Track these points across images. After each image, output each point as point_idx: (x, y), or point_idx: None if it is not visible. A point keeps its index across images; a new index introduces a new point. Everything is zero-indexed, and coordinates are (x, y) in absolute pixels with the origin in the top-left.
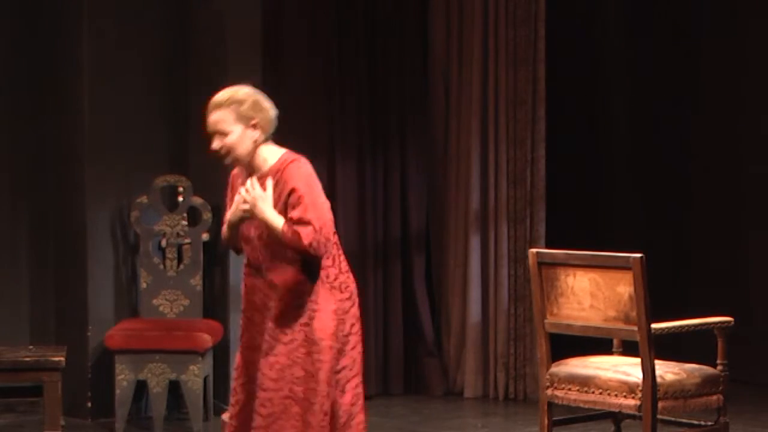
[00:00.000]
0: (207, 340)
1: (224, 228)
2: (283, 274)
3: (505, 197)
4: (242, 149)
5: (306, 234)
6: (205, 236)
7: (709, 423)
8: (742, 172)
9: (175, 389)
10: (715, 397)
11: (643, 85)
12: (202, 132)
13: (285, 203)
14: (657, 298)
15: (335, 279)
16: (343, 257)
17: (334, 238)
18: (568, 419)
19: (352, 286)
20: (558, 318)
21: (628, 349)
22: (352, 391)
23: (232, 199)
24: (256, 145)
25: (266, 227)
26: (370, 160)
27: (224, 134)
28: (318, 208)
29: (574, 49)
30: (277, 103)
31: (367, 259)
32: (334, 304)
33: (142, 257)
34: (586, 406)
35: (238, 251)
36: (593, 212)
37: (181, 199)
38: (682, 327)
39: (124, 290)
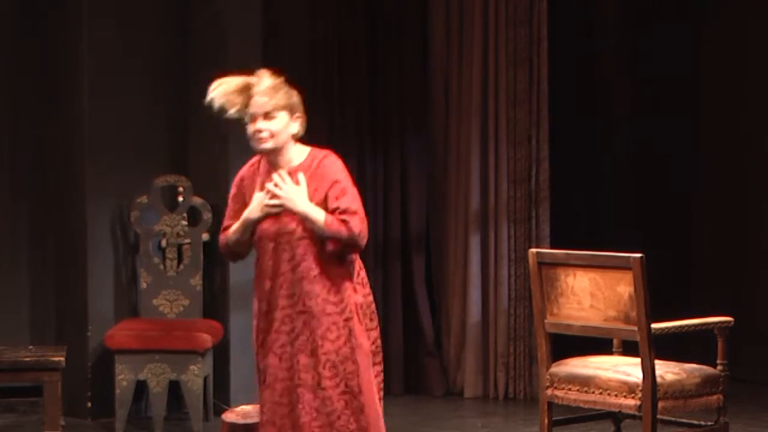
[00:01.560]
0: (207, 340)
1: (236, 228)
2: (320, 269)
3: (506, 197)
4: (282, 138)
5: (355, 224)
6: (205, 236)
7: (709, 423)
8: (743, 171)
9: (175, 389)
10: (715, 397)
11: (643, 84)
12: (202, 132)
13: (324, 197)
14: (657, 298)
15: (358, 275)
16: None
17: None
18: (568, 419)
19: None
20: (558, 318)
21: (628, 349)
22: (377, 379)
23: (240, 202)
24: (291, 139)
25: (305, 220)
26: (370, 160)
27: (271, 118)
28: (359, 200)
29: (574, 49)
30: None
31: (367, 259)
32: (362, 298)
33: (142, 257)
34: (586, 406)
35: (243, 255)
36: (593, 212)
37: (181, 199)
38: (682, 327)
39: (124, 290)
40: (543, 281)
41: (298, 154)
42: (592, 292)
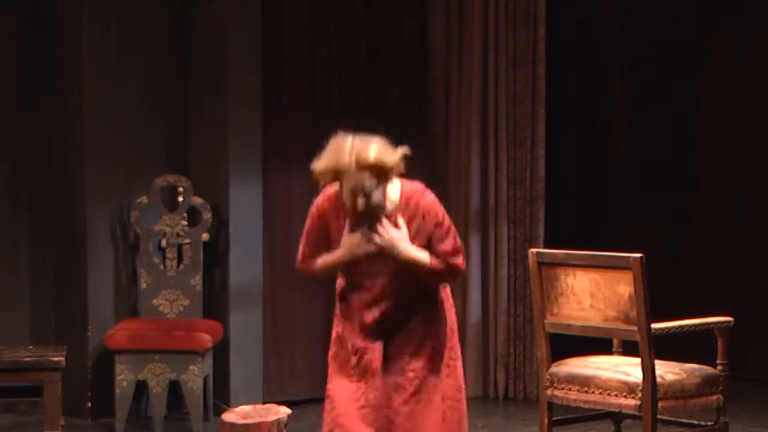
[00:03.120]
0: (207, 340)
1: (328, 266)
2: (419, 304)
3: (505, 197)
4: (382, 201)
5: (460, 263)
6: (205, 236)
7: (709, 423)
8: (743, 171)
9: (175, 389)
10: (715, 397)
11: (643, 84)
12: (202, 132)
13: (427, 236)
14: (657, 298)
15: (449, 292)
16: None
17: None
18: (568, 419)
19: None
20: (558, 318)
21: (628, 349)
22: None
23: (321, 235)
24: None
25: (408, 264)
26: None
27: (368, 193)
28: (455, 231)
29: (574, 48)
30: (277, 104)
31: None
32: (453, 319)
33: (142, 257)
34: (586, 406)
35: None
36: (593, 212)
37: (181, 199)
38: (682, 327)
39: (124, 290)
40: (543, 281)
41: (392, 192)
42: (592, 292)
